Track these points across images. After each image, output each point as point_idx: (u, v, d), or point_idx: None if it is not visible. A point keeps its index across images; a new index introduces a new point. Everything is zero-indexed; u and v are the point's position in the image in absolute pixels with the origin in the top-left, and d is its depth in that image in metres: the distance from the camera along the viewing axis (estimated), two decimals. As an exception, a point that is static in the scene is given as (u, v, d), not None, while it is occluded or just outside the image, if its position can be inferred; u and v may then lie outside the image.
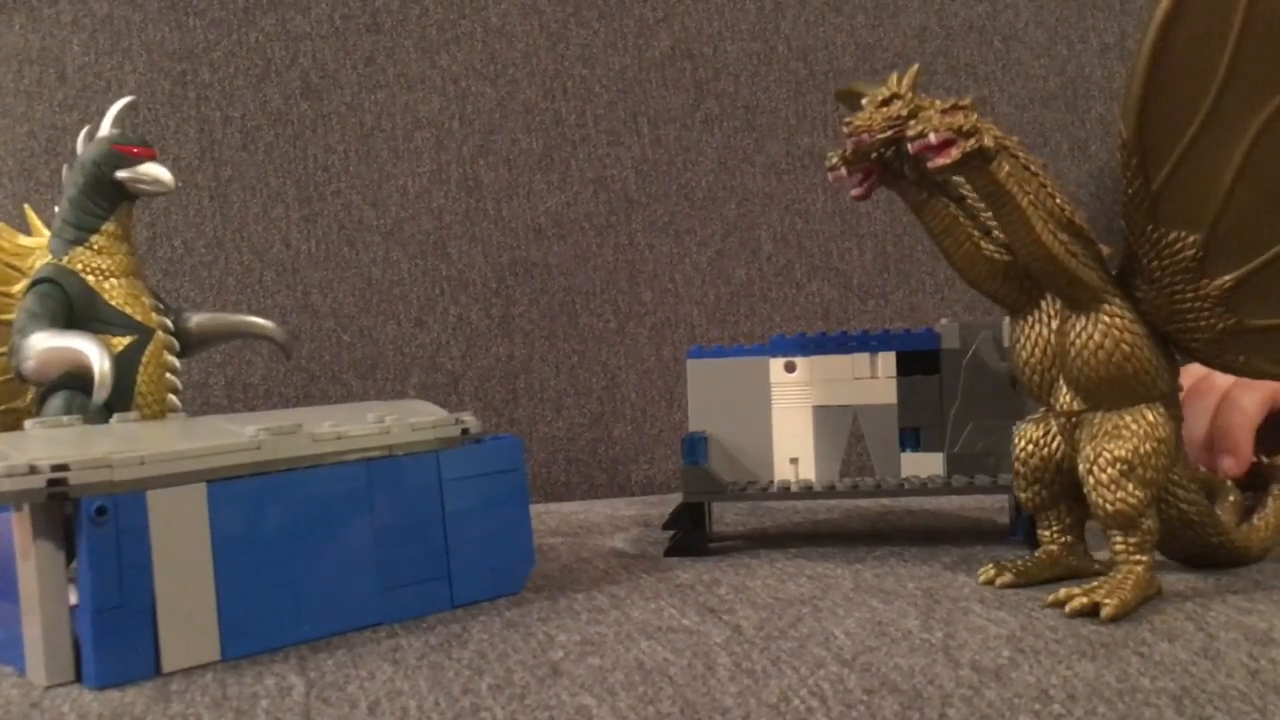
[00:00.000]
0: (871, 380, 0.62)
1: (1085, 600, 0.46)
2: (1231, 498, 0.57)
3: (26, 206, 0.61)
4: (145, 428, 0.51)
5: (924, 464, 0.62)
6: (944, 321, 0.62)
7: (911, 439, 0.62)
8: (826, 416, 0.63)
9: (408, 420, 0.50)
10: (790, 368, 0.63)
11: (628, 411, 0.94)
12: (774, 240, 0.97)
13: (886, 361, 0.62)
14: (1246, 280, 0.46)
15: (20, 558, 0.43)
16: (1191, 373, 0.70)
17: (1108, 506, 0.48)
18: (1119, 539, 0.48)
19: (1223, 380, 0.67)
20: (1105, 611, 0.45)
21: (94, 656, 0.42)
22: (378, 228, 0.93)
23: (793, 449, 0.63)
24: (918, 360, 0.62)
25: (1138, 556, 0.48)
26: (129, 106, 0.60)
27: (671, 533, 0.62)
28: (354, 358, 0.91)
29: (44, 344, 0.53)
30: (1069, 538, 0.53)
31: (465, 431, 0.52)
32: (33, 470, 0.41)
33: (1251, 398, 0.65)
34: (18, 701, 0.41)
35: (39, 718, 0.39)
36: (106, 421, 0.53)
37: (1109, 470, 0.48)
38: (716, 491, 0.62)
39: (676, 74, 0.97)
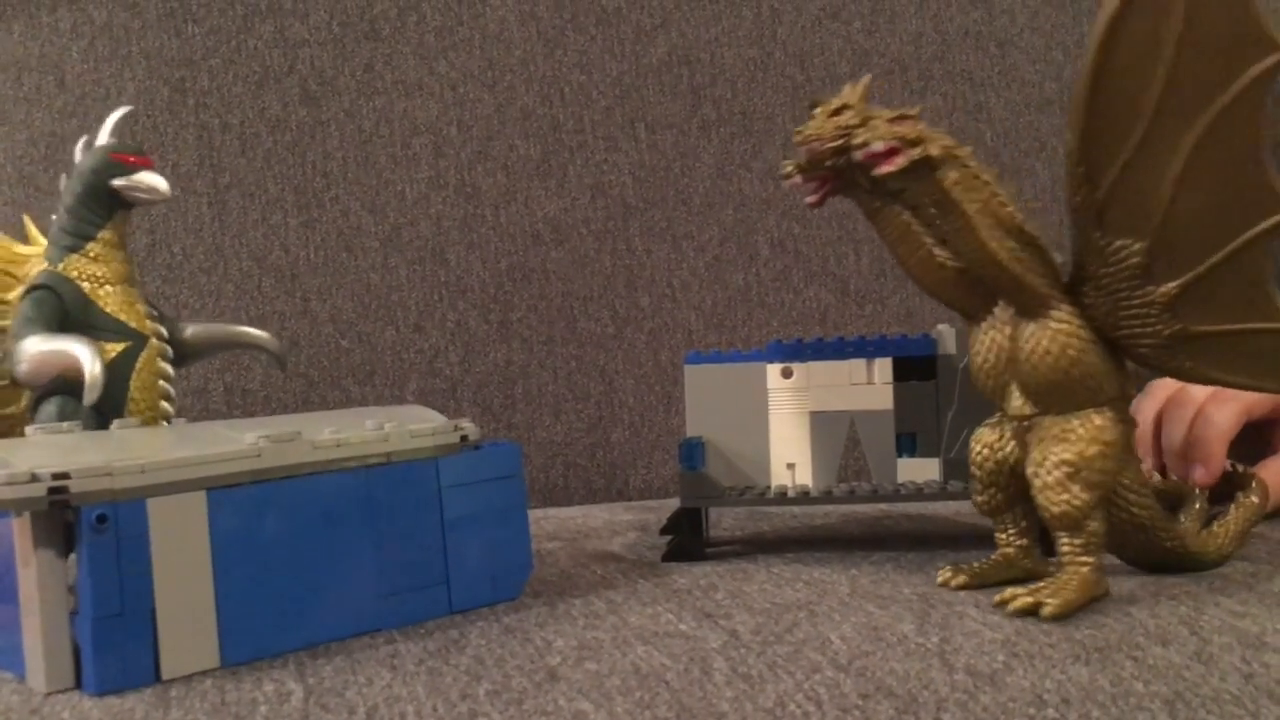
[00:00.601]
0: (868, 386, 0.63)
1: (1029, 600, 0.47)
2: (1198, 505, 0.58)
3: (25, 216, 0.61)
4: (145, 434, 0.51)
5: (920, 469, 0.62)
6: (941, 327, 0.63)
7: (908, 444, 0.63)
8: (823, 422, 0.63)
9: (407, 427, 0.51)
10: (787, 373, 0.64)
11: (626, 416, 0.94)
12: (771, 245, 0.97)
13: (883, 367, 0.62)
14: (1191, 287, 0.47)
15: (21, 564, 0.43)
16: (1170, 384, 0.70)
17: (1053, 508, 0.49)
18: (1065, 540, 0.49)
19: (1200, 392, 0.68)
20: (1045, 611, 0.46)
21: (94, 663, 0.42)
22: (376, 234, 0.93)
23: (790, 454, 0.63)
24: (914, 366, 0.62)
25: (1084, 558, 0.49)
26: (127, 116, 0.60)
27: (669, 538, 0.63)
28: (353, 363, 0.92)
29: (37, 348, 0.54)
30: (1025, 540, 0.53)
31: (464, 438, 0.53)
32: (34, 478, 0.41)
33: (1225, 410, 0.66)
34: (18, 708, 0.41)
35: (39, 724, 0.40)
36: (101, 426, 0.53)
37: (1054, 473, 0.49)
38: (714, 497, 0.62)
39: (674, 80, 0.97)
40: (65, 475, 0.42)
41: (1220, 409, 0.66)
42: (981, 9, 1.02)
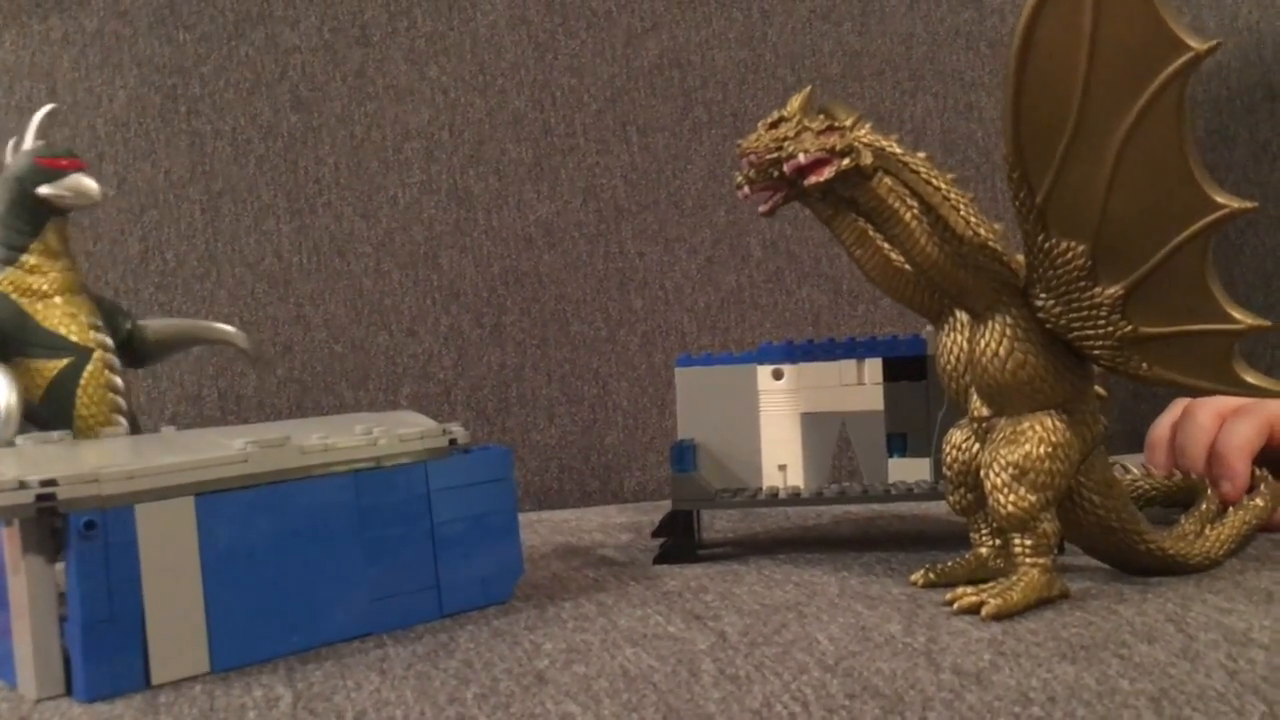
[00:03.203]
0: (859, 387, 0.63)
1: (974, 599, 0.47)
2: (1205, 505, 0.58)
3: None
4: (133, 442, 0.51)
5: (911, 469, 0.62)
6: (931, 328, 0.63)
7: (899, 445, 0.63)
8: (814, 423, 0.63)
9: (395, 431, 0.51)
10: (778, 375, 0.64)
11: (619, 419, 0.94)
12: (763, 247, 0.97)
13: (873, 368, 0.63)
14: (1137, 288, 0.47)
15: (10, 572, 0.43)
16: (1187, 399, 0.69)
17: (1002, 509, 0.49)
18: (1016, 540, 0.49)
19: (1218, 405, 0.66)
20: (985, 610, 0.47)
21: (84, 669, 0.42)
22: (369, 239, 0.93)
23: (781, 456, 0.64)
24: (904, 366, 0.62)
25: (1034, 559, 0.49)
26: (50, 115, 0.57)
27: (661, 540, 0.63)
28: (346, 368, 0.92)
29: None
30: (998, 540, 0.53)
31: (453, 442, 0.53)
32: (22, 485, 0.41)
33: (1246, 424, 0.65)
34: (8, 715, 0.41)
35: (29, 731, 0.40)
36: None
37: (1002, 474, 0.49)
38: (705, 499, 0.62)
39: (665, 83, 0.98)
40: (53, 482, 0.42)
41: (1241, 422, 0.65)
42: (972, 9, 1.02)
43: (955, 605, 0.48)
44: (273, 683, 0.43)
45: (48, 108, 0.58)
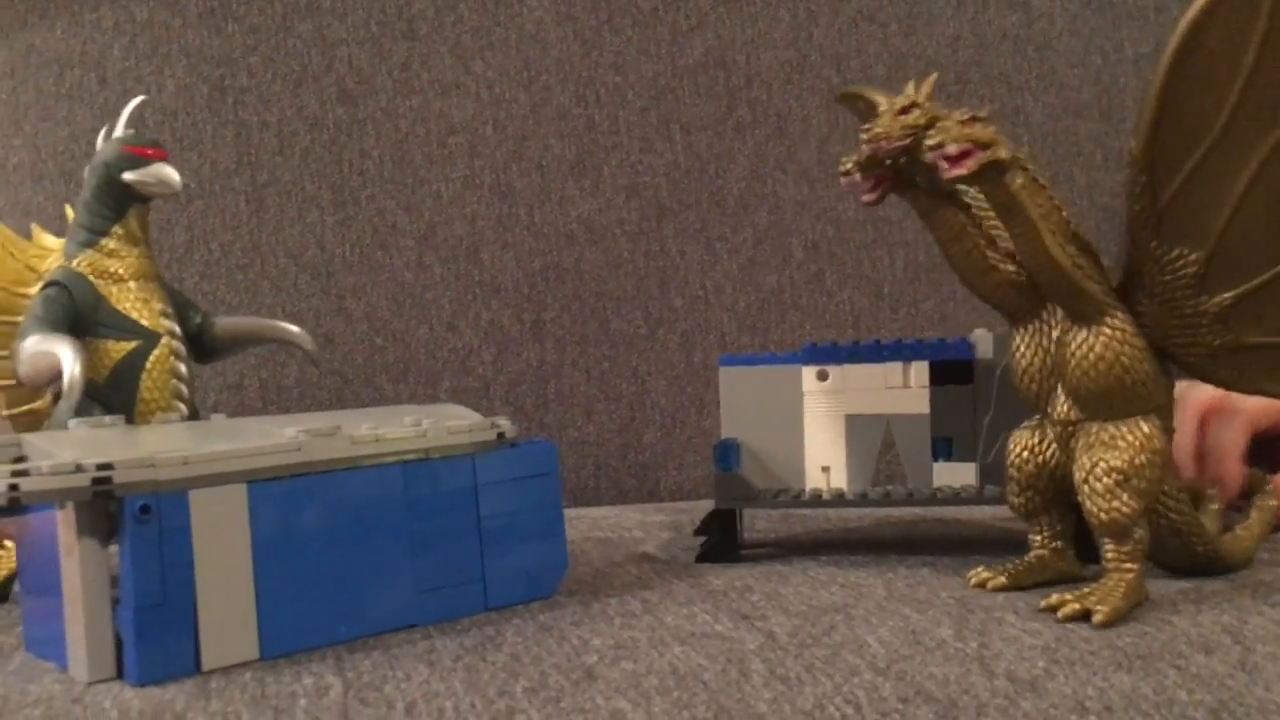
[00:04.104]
0: (904, 390, 0.62)
1: (1077, 606, 0.47)
2: (1214, 506, 0.58)
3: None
4: (186, 428, 0.51)
5: (957, 474, 0.62)
6: (978, 332, 0.62)
7: (944, 449, 0.62)
8: (859, 425, 0.63)
9: (444, 424, 0.51)
10: (823, 376, 0.63)
11: (657, 417, 0.94)
12: (805, 248, 0.97)
13: (920, 371, 0.62)
14: (1245, 299, 0.47)
15: (64, 555, 0.43)
16: (1205, 392, 0.70)
17: (1102, 515, 0.48)
18: (1111, 547, 0.49)
19: (1244, 402, 0.67)
20: (1097, 618, 0.46)
21: (136, 654, 0.42)
22: (411, 232, 0.93)
23: (824, 457, 0.63)
24: (951, 370, 0.62)
25: (1129, 565, 0.48)
26: (142, 105, 0.59)
27: (703, 539, 0.63)
28: (386, 361, 0.92)
29: (33, 348, 0.53)
30: (1060, 543, 0.53)
31: (500, 435, 0.53)
32: (78, 469, 0.42)
33: (1231, 430, 0.66)
34: (60, 697, 0.42)
35: (81, 713, 0.40)
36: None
37: (1104, 480, 0.48)
38: (748, 498, 0.62)
39: (709, 81, 0.97)
40: (109, 466, 0.42)
41: (1227, 426, 0.66)
42: (1020, 12, 1.01)
43: (1059, 614, 0.47)
44: (322, 671, 0.43)
45: (138, 99, 0.60)
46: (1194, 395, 0.69)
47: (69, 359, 0.52)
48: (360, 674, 0.43)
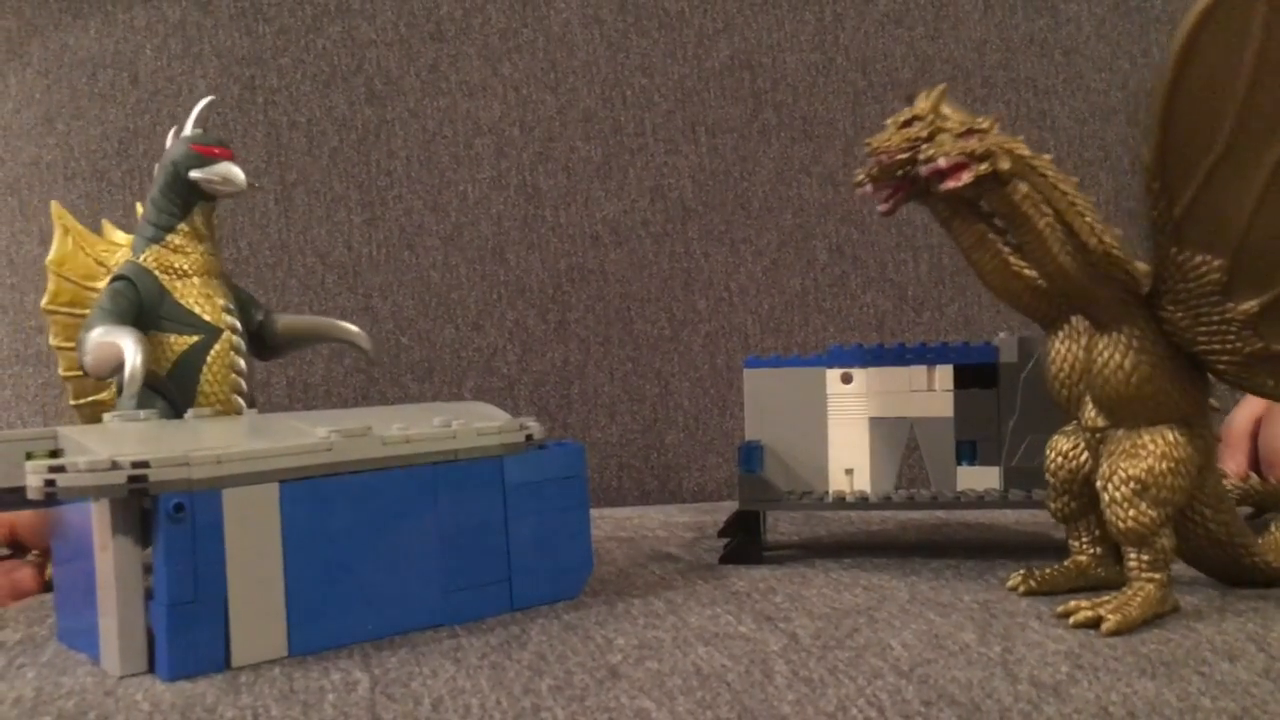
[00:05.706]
0: (929, 393, 0.63)
1: (1090, 614, 0.47)
2: None
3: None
4: (219, 425, 0.52)
5: (980, 477, 0.62)
6: (1002, 335, 0.62)
7: (968, 452, 0.62)
8: (883, 428, 0.63)
9: (473, 425, 0.51)
10: (847, 379, 0.64)
11: (681, 419, 0.95)
12: (829, 251, 0.97)
13: (944, 374, 0.62)
14: (1273, 305, 0.46)
15: (98, 550, 0.44)
16: None
17: (1120, 524, 0.48)
18: (1133, 555, 0.49)
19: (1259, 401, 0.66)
20: (1105, 626, 0.46)
21: (167, 648, 0.43)
22: (437, 233, 0.94)
23: (848, 459, 0.63)
24: (975, 373, 0.62)
25: (1150, 574, 0.48)
26: (210, 105, 0.61)
27: (726, 540, 0.63)
28: (412, 360, 0.93)
29: (98, 339, 0.55)
30: (1098, 549, 0.53)
31: (529, 437, 0.53)
32: (114, 465, 0.42)
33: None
34: (93, 689, 0.42)
35: (113, 706, 0.41)
36: (174, 417, 0.54)
37: (1122, 488, 0.48)
38: (772, 500, 0.63)
39: (735, 84, 0.98)
40: (145, 464, 0.43)
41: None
42: (1047, 16, 1.01)
43: (1072, 620, 0.47)
44: (350, 667, 0.44)
45: (207, 99, 0.62)
46: (1248, 401, 0.68)
47: (131, 350, 0.54)
48: (387, 670, 0.44)
